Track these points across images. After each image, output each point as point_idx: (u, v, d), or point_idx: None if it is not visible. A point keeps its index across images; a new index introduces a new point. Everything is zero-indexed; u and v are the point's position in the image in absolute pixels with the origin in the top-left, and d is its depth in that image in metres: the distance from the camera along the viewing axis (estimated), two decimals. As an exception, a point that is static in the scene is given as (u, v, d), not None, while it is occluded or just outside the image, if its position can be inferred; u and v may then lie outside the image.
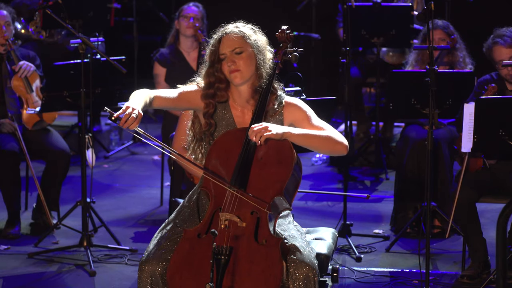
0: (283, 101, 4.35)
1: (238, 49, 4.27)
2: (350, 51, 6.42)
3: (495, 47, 5.97)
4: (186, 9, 7.40)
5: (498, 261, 4.50)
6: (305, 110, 4.33)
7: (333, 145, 4.22)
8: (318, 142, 4.23)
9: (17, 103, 6.72)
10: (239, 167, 4.14)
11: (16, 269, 6.02)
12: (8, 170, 6.54)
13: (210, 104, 4.32)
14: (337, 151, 4.25)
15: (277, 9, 10.22)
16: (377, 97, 8.22)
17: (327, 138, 4.22)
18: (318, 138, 4.21)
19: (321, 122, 4.31)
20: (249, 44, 4.28)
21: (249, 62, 4.27)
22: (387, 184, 8.00)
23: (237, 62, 4.26)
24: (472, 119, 5.39)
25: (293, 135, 4.17)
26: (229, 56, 4.27)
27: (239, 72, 4.27)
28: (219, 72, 4.30)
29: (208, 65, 4.33)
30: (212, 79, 4.31)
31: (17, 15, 7.47)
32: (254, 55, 4.28)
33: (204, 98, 4.32)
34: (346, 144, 4.24)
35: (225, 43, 4.28)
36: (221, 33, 4.32)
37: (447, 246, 6.46)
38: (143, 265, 4.17)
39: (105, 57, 6.19)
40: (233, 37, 4.27)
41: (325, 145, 4.23)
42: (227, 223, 4.08)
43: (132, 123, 3.99)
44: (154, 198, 7.64)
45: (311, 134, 4.21)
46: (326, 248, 4.43)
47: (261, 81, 4.30)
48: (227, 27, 4.33)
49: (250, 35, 4.29)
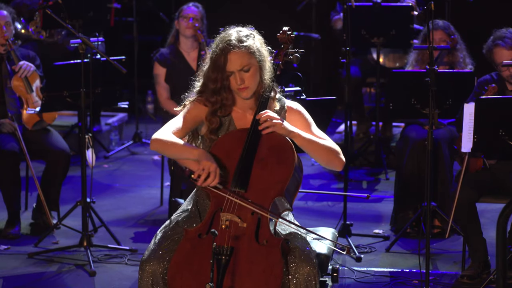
0: (285, 105, 4.35)
1: (246, 67, 4.23)
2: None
3: (495, 49, 5.95)
4: (186, 10, 7.40)
5: (498, 261, 4.50)
6: (307, 118, 4.34)
7: (333, 157, 4.24)
8: (320, 151, 4.23)
9: (17, 103, 6.72)
10: (240, 167, 4.15)
11: (16, 269, 6.02)
12: (8, 170, 6.54)
13: (215, 121, 4.29)
14: (334, 164, 4.25)
15: (277, 9, 10.23)
16: (377, 97, 8.22)
17: (330, 150, 4.23)
18: (322, 147, 4.23)
19: (321, 132, 4.33)
20: (255, 58, 4.24)
21: (256, 76, 4.25)
22: (387, 184, 8.01)
23: (246, 80, 4.23)
24: (472, 119, 5.39)
25: (301, 137, 4.18)
26: (237, 75, 4.22)
27: (248, 89, 4.25)
28: (227, 92, 4.26)
29: (212, 79, 4.26)
30: (219, 97, 4.26)
31: (17, 15, 7.47)
32: (260, 67, 4.26)
33: (210, 115, 4.28)
34: (344, 161, 4.26)
35: (232, 61, 4.22)
36: (225, 47, 4.22)
37: (447, 246, 6.46)
38: (144, 264, 4.17)
39: (105, 57, 6.19)
40: (239, 54, 4.21)
41: (326, 156, 4.24)
42: (228, 224, 4.08)
43: (212, 181, 4.06)
44: (154, 198, 7.64)
45: (316, 142, 4.22)
46: (326, 248, 4.43)
47: (264, 87, 4.29)
48: (230, 40, 4.23)
49: (254, 46, 4.24)
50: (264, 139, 4.20)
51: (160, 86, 7.34)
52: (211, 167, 4.06)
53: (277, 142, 4.19)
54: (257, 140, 4.19)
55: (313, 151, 4.25)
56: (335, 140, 8.95)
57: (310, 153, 4.26)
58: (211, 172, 4.05)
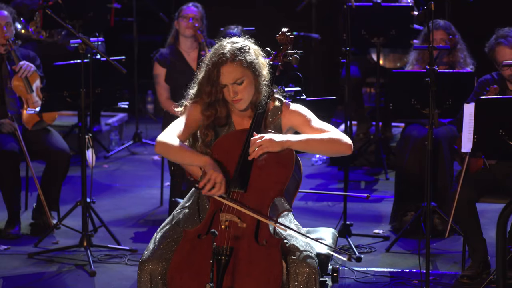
0: (282, 106, 4.32)
1: (239, 80, 4.21)
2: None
3: (498, 47, 5.95)
4: (185, 10, 7.39)
5: (498, 261, 4.50)
6: (304, 114, 4.29)
7: (336, 146, 4.18)
8: (320, 146, 4.19)
9: (17, 103, 6.72)
10: (239, 168, 4.14)
11: (16, 269, 6.02)
12: (8, 170, 6.54)
13: (210, 135, 4.27)
14: (341, 152, 4.20)
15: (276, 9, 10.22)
16: (377, 97, 8.22)
17: (329, 141, 4.18)
18: (319, 141, 4.18)
19: (322, 123, 4.27)
20: (249, 71, 4.21)
21: (250, 88, 4.22)
22: (387, 184, 8.00)
23: (240, 93, 4.20)
24: (472, 119, 5.39)
25: (293, 143, 4.14)
26: (230, 88, 4.20)
27: (242, 101, 4.23)
28: (220, 105, 4.24)
29: (207, 92, 4.23)
30: (213, 111, 4.25)
31: (17, 15, 7.46)
32: (254, 79, 4.23)
33: (204, 129, 4.27)
34: (349, 143, 4.19)
35: (225, 75, 4.19)
36: (217, 61, 4.19)
37: (447, 246, 6.46)
38: (142, 264, 4.18)
39: (105, 57, 6.19)
40: (232, 67, 4.18)
41: (327, 148, 4.20)
42: (227, 224, 4.08)
43: (218, 191, 4.06)
44: (154, 198, 7.64)
45: (312, 139, 4.18)
46: (326, 248, 4.42)
47: (261, 97, 4.26)
48: (223, 53, 4.19)
49: (247, 59, 4.20)
50: (264, 139, 4.20)
51: (160, 86, 7.34)
52: (217, 177, 4.06)
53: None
54: (257, 140, 4.19)
55: (314, 149, 4.24)
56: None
57: (312, 151, 4.25)
58: (217, 183, 4.06)
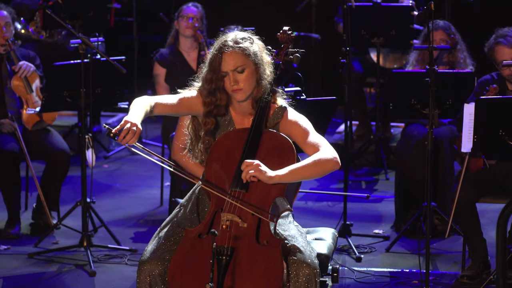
0: (283, 113, 4.30)
1: (240, 68, 4.21)
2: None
3: (497, 47, 5.96)
4: (185, 10, 7.40)
5: (498, 261, 4.50)
6: (304, 128, 4.26)
7: (323, 168, 4.13)
8: (307, 172, 4.12)
9: (17, 103, 6.72)
10: (241, 168, 4.13)
11: (16, 269, 6.03)
12: (8, 170, 6.54)
13: (210, 122, 4.28)
14: (328, 170, 4.16)
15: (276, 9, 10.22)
16: (377, 97, 8.22)
17: (315, 164, 4.12)
18: (305, 168, 4.11)
19: (317, 139, 4.22)
20: (250, 60, 4.22)
21: (251, 79, 4.23)
22: (387, 184, 8.00)
23: (240, 82, 4.21)
24: (472, 119, 5.39)
25: (282, 177, 4.07)
26: (231, 75, 4.22)
27: (241, 91, 4.23)
28: (221, 92, 4.24)
29: (208, 79, 4.26)
30: (214, 98, 4.25)
31: (17, 15, 7.47)
32: (256, 70, 4.24)
33: (205, 116, 4.28)
34: (336, 160, 4.14)
35: (227, 61, 4.21)
36: (220, 47, 4.23)
37: (447, 246, 6.46)
38: (142, 265, 4.18)
39: (105, 57, 6.19)
40: (234, 54, 4.20)
41: (315, 172, 4.14)
42: (228, 224, 4.08)
43: (131, 139, 3.99)
44: (154, 198, 7.64)
45: (298, 168, 4.10)
46: (326, 248, 4.43)
47: (262, 92, 4.27)
48: (226, 40, 4.24)
49: (250, 49, 4.22)
50: (264, 139, 4.19)
51: (160, 86, 7.34)
52: (132, 125, 4.01)
53: (277, 142, 4.18)
54: (257, 140, 4.19)
55: (302, 177, 4.16)
56: (335, 140, 8.94)
57: (302, 179, 4.18)
58: (131, 129, 4.00)
